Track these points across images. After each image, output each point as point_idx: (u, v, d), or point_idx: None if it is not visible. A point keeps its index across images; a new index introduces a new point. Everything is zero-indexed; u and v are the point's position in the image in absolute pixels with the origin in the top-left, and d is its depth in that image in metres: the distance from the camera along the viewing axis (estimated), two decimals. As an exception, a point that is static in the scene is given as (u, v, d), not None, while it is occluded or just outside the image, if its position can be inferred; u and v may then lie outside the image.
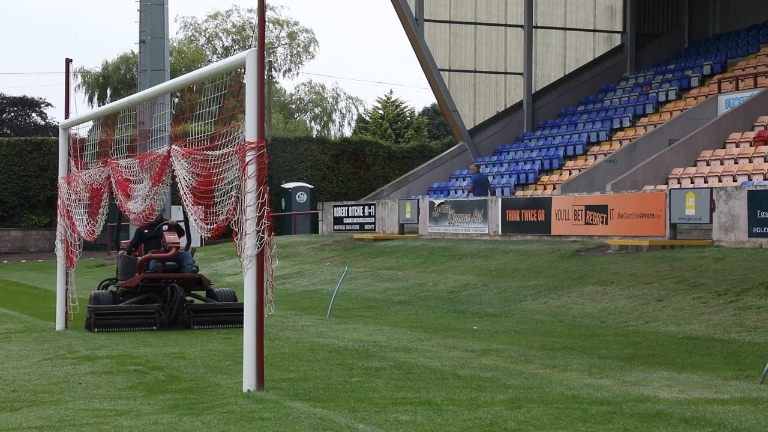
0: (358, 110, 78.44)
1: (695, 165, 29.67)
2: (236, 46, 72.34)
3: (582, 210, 25.35)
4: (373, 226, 34.65)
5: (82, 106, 68.01)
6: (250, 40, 71.22)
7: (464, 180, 39.69)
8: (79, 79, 67.23)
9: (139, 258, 17.02)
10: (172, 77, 40.56)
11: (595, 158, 34.73)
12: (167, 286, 16.70)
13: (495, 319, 17.63)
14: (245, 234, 10.28)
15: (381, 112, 74.76)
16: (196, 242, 45.36)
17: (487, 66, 42.45)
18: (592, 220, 24.99)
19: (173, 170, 12.16)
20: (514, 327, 16.30)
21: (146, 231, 17.48)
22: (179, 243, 17.24)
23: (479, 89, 42.38)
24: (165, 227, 17.48)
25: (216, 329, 16.09)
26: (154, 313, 16.29)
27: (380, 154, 53.87)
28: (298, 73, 79.66)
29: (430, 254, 27.13)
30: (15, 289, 27.49)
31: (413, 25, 40.54)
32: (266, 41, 63.11)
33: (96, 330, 15.81)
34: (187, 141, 11.95)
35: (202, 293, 17.49)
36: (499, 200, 28.94)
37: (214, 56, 71.40)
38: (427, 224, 31.86)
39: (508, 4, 42.33)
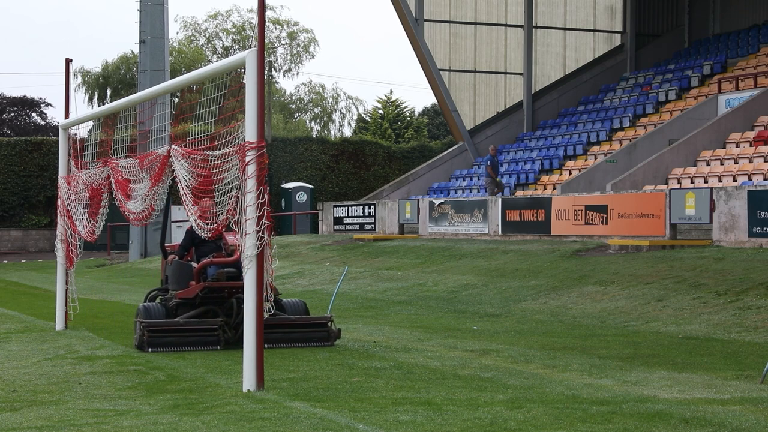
0: (358, 110, 78.53)
1: (695, 165, 29.67)
2: (236, 46, 72.34)
3: (582, 210, 25.35)
4: (373, 226, 34.65)
5: (82, 106, 68.09)
6: (250, 40, 71.22)
7: (464, 180, 39.70)
8: (79, 79, 67.31)
9: (197, 264, 14.35)
10: (172, 77, 40.59)
11: (595, 158, 34.72)
12: (231, 297, 14.04)
13: (495, 319, 17.63)
14: (245, 234, 10.29)
15: (381, 112, 74.77)
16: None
17: (487, 66, 42.45)
18: (592, 220, 24.98)
19: (173, 170, 12.16)
20: (514, 327, 16.30)
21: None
22: None
23: (479, 89, 42.38)
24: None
25: (287, 348, 13.68)
26: (218, 329, 13.66)
27: (380, 154, 53.88)
28: (298, 73, 79.71)
29: (430, 254, 27.13)
30: (15, 289, 27.49)
31: (413, 25, 40.54)
32: (266, 41, 63.07)
33: (150, 350, 13.32)
34: (187, 141, 11.95)
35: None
36: (499, 200, 28.94)
37: (214, 56, 71.41)
38: (427, 224, 31.85)
39: (508, 4, 42.32)
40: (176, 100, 24.81)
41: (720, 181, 27.18)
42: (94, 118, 19.46)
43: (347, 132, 76.57)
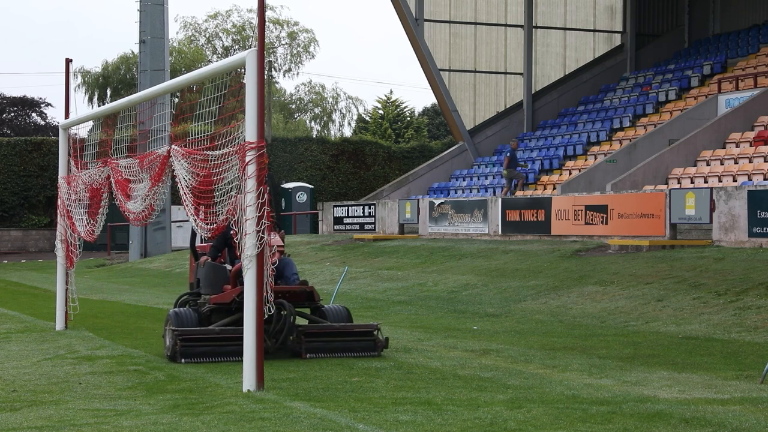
0: (358, 110, 78.54)
1: (695, 165, 29.67)
2: (236, 46, 72.35)
3: (582, 210, 25.35)
4: (373, 226, 34.65)
5: (82, 106, 68.11)
6: (250, 40, 71.23)
7: (464, 180, 39.71)
8: (79, 79, 67.34)
9: (232, 266, 13.24)
10: (172, 77, 40.58)
11: (595, 158, 34.72)
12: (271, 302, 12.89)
13: (495, 319, 17.63)
14: (245, 234, 10.29)
15: (381, 112, 74.78)
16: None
17: (487, 66, 42.45)
18: (592, 220, 24.99)
19: (173, 170, 12.16)
20: (514, 327, 16.30)
21: (233, 231, 13.40)
22: (284, 246, 13.62)
23: (479, 89, 42.38)
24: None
25: (331, 358, 12.64)
26: None
27: (380, 154, 53.89)
28: (298, 73, 79.70)
29: (430, 254, 27.13)
30: (15, 289, 27.49)
31: (413, 25, 40.54)
32: (266, 41, 63.08)
33: (183, 360, 12.19)
34: (187, 141, 11.95)
35: (305, 310, 13.77)
36: (499, 200, 28.94)
37: (214, 56, 71.43)
38: (427, 224, 31.86)
39: (508, 4, 42.32)
40: (176, 100, 24.81)
41: (720, 181, 27.18)
42: (94, 118, 19.46)
43: (347, 132, 76.64)
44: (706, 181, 27.76)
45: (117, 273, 34.92)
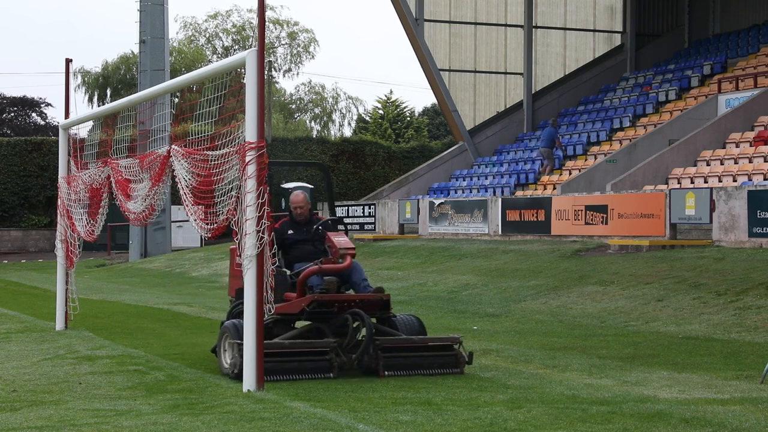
0: (358, 110, 78.54)
1: (695, 165, 29.66)
2: (236, 46, 72.35)
3: (582, 210, 25.35)
4: (373, 226, 34.64)
5: (82, 106, 68.11)
6: (250, 40, 71.24)
7: (464, 180, 39.71)
8: (79, 79, 67.35)
9: (299, 272, 11.75)
10: (172, 77, 40.58)
11: (595, 158, 34.71)
12: (342, 312, 11.47)
13: (495, 319, 17.63)
14: (245, 234, 10.29)
15: (381, 112, 74.78)
16: (195, 242, 45.55)
17: (487, 66, 42.44)
18: (592, 220, 24.99)
19: (173, 170, 12.15)
20: (514, 327, 16.30)
21: (291, 232, 12.24)
22: (355, 249, 11.94)
23: (479, 89, 42.37)
24: (320, 228, 12.18)
25: (410, 376, 11.14)
26: (329, 352, 11.01)
27: (380, 154, 53.89)
28: (298, 73, 79.77)
29: (430, 254, 27.13)
30: (15, 289, 27.48)
31: (413, 25, 40.54)
32: (266, 41, 63.10)
33: None
34: (187, 141, 11.95)
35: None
36: (499, 200, 28.95)
37: (214, 56, 71.43)
38: (427, 224, 31.86)
39: (508, 4, 42.31)
40: (176, 100, 24.81)
41: (720, 181, 27.17)
42: (94, 118, 19.46)
43: (347, 132, 76.65)
44: (706, 181, 27.75)
45: (117, 273, 34.92)
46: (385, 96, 77.23)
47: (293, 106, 79.07)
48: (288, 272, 11.87)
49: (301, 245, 12.05)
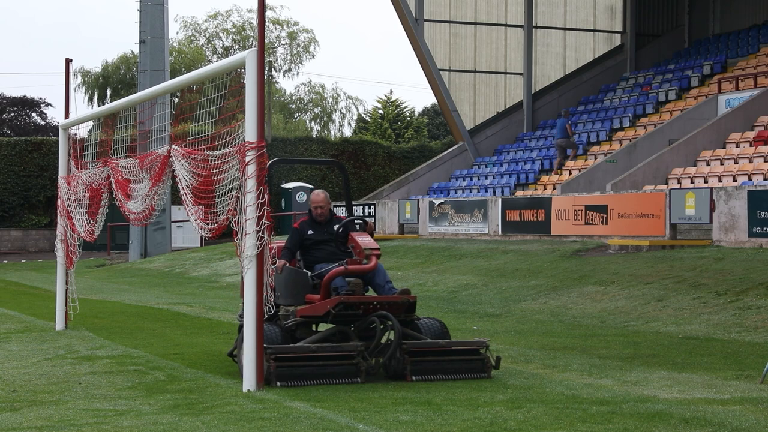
0: (358, 110, 78.53)
1: (695, 165, 29.67)
2: (236, 46, 72.36)
3: (582, 210, 25.35)
4: (373, 226, 34.63)
5: (82, 106, 68.11)
6: (250, 40, 71.24)
7: (464, 180, 39.71)
8: (79, 79, 67.34)
9: (322, 273, 11.44)
10: (172, 77, 40.59)
11: (595, 158, 34.72)
12: (367, 314, 11.16)
13: (495, 319, 17.64)
14: (245, 234, 10.29)
15: (381, 112, 74.78)
16: (195, 242, 45.58)
17: (487, 66, 42.46)
18: (592, 220, 24.99)
19: (173, 170, 12.15)
20: (514, 327, 16.30)
21: (311, 232, 11.88)
22: (380, 250, 11.57)
23: (479, 89, 42.38)
24: (341, 228, 11.67)
25: (441, 381, 10.80)
26: (356, 356, 10.72)
27: (380, 154, 53.89)
28: (298, 73, 79.80)
29: (430, 254, 27.13)
30: (15, 289, 27.48)
31: (413, 25, 40.54)
32: (266, 41, 63.11)
33: (279, 384, 10.35)
34: (187, 141, 11.96)
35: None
36: (499, 200, 28.95)
37: (214, 56, 71.44)
38: (427, 224, 31.86)
39: (508, 4, 42.33)
40: (176, 100, 24.81)
41: (720, 181, 27.18)
42: (94, 118, 19.46)
43: (347, 132, 76.63)
44: (706, 181, 27.76)
45: (117, 273, 34.92)
46: (385, 96, 77.28)
47: (293, 106, 79.06)
48: (309, 273, 11.54)
49: (321, 246, 11.72)
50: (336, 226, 11.64)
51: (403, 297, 11.25)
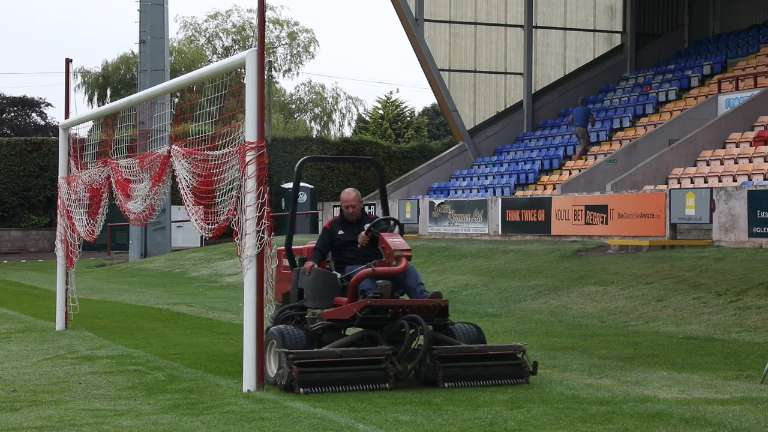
0: (358, 110, 78.54)
1: (695, 165, 29.67)
2: (236, 46, 72.35)
3: (582, 210, 25.35)
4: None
5: (82, 106, 68.10)
6: (250, 40, 71.23)
7: (464, 180, 39.71)
8: (79, 79, 67.34)
9: (341, 273, 11.16)
10: (172, 77, 40.58)
11: (595, 158, 34.72)
12: (396, 318, 10.64)
13: (495, 319, 17.63)
14: (245, 234, 10.29)
15: (381, 112, 74.78)
16: (195, 242, 45.56)
17: (487, 66, 42.45)
18: (592, 220, 24.99)
19: (173, 170, 12.16)
20: (514, 327, 16.30)
21: (341, 232, 11.43)
22: (411, 251, 11.11)
23: (479, 89, 42.37)
24: (369, 228, 11.22)
25: (472, 387, 10.33)
26: (384, 360, 10.24)
27: (380, 154, 53.90)
28: (298, 73, 79.79)
29: (430, 254, 27.13)
30: (15, 289, 27.49)
31: (413, 25, 40.54)
32: (266, 41, 63.07)
33: (301, 391, 9.89)
34: (187, 141, 11.96)
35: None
36: (499, 200, 28.95)
37: (214, 56, 71.44)
38: (427, 224, 31.86)
39: (508, 4, 42.32)
40: (176, 100, 24.81)
41: (720, 181, 27.18)
42: (94, 118, 19.47)
43: (347, 132, 76.63)
44: (706, 181, 27.75)
45: (117, 273, 34.92)
46: (385, 96, 77.28)
47: (293, 106, 79.06)
48: (338, 275, 11.12)
49: (352, 246, 11.23)
50: (367, 226, 11.18)
51: (434, 300, 10.79)
